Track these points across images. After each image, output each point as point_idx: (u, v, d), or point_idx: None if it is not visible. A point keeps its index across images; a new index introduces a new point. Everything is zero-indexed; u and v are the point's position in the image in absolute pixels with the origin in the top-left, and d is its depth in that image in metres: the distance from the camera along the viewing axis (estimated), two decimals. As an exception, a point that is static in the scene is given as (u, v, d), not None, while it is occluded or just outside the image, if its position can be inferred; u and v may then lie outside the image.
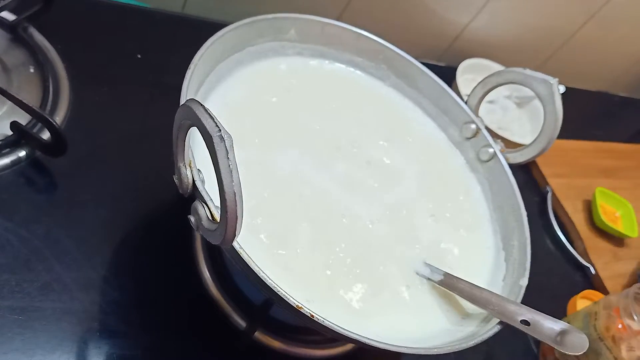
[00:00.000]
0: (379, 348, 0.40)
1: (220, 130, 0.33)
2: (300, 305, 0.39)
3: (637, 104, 1.37)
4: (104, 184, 0.58)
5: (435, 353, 0.42)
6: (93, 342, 0.49)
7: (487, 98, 0.98)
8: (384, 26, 0.63)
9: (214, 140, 0.33)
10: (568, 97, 0.98)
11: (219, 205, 0.35)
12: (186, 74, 0.45)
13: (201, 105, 0.35)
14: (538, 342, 0.76)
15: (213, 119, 0.34)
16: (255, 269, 0.39)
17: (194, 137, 0.45)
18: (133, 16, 0.73)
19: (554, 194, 0.94)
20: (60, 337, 0.48)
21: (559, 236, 0.90)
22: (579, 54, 1.15)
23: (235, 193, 0.34)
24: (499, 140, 0.61)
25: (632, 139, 1.25)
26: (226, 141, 0.33)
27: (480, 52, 1.02)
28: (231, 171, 0.33)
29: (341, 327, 0.39)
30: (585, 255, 0.89)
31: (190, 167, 0.40)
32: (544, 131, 0.57)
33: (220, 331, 0.54)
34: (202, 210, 0.39)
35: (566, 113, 0.57)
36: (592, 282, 0.88)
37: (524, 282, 0.50)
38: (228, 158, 0.33)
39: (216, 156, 0.33)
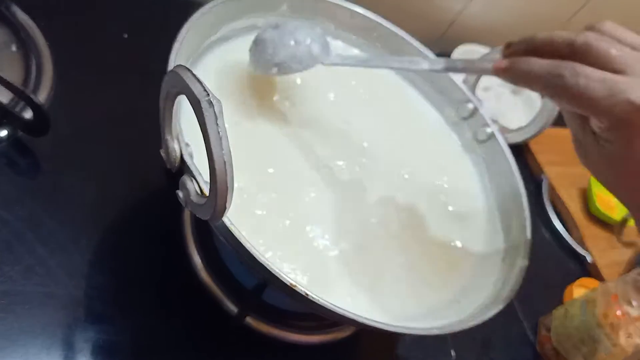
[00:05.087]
0: (375, 328, 0.39)
1: (208, 94, 0.31)
2: (294, 284, 0.37)
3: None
4: (88, 165, 0.56)
5: (435, 334, 0.40)
6: (78, 327, 0.47)
7: (481, 86, 0.97)
8: (377, 12, 0.61)
9: (202, 106, 0.31)
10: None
11: (208, 180, 0.33)
12: (174, 46, 0.43)
13: (188, 70, 0.33)
14: (535, 330, 0.75)
15: (201, 84, 0.32)
16: (247, 246, 0.37)
17: (183, 113, 0.43)
18: (119, -5, 0.71)
19: (549, 182, 0.93)
20: (44, 321, 0.46)
21: (554, 224, 0.89)
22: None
23: (225, 162, 0.32)
24: (496, 121, 0.60)
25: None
26: (215, 106, 0.31)
27: (474, 39, 1.01)
28: (221, 138, 0.31)
29: (337, 307, 0.38)
30: (581, 243, 0.88)
31: (178, 139, 0.38)
32: (542, 111, 0.56)
33: (210, 316, 0.53)
34: (190, 185, 0.37)
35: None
36: (589, 270, 0.87)
37: (524, 262, 0.49)
38: (217, 124, 0.31)
39: (205, 122, 0.31)
